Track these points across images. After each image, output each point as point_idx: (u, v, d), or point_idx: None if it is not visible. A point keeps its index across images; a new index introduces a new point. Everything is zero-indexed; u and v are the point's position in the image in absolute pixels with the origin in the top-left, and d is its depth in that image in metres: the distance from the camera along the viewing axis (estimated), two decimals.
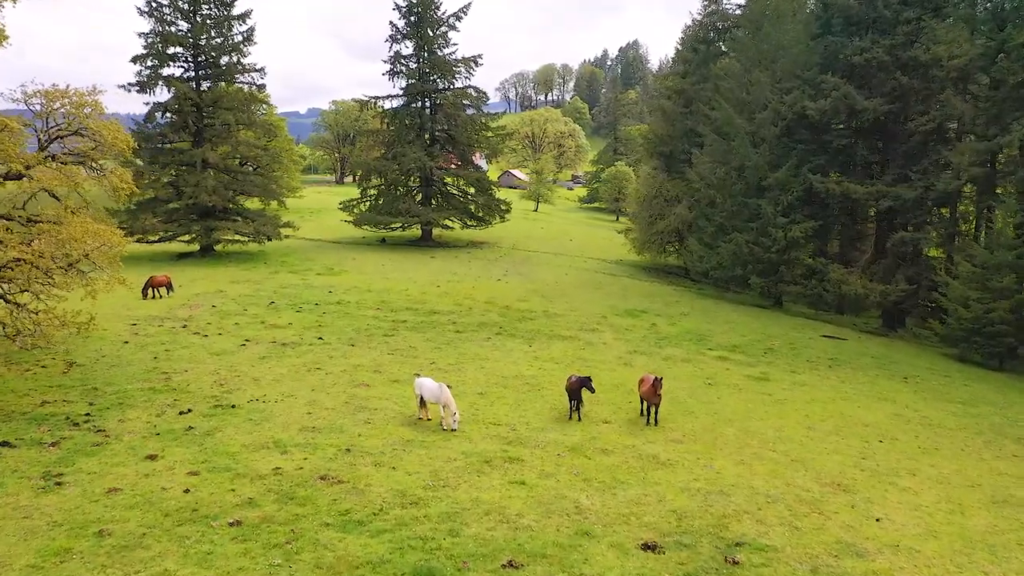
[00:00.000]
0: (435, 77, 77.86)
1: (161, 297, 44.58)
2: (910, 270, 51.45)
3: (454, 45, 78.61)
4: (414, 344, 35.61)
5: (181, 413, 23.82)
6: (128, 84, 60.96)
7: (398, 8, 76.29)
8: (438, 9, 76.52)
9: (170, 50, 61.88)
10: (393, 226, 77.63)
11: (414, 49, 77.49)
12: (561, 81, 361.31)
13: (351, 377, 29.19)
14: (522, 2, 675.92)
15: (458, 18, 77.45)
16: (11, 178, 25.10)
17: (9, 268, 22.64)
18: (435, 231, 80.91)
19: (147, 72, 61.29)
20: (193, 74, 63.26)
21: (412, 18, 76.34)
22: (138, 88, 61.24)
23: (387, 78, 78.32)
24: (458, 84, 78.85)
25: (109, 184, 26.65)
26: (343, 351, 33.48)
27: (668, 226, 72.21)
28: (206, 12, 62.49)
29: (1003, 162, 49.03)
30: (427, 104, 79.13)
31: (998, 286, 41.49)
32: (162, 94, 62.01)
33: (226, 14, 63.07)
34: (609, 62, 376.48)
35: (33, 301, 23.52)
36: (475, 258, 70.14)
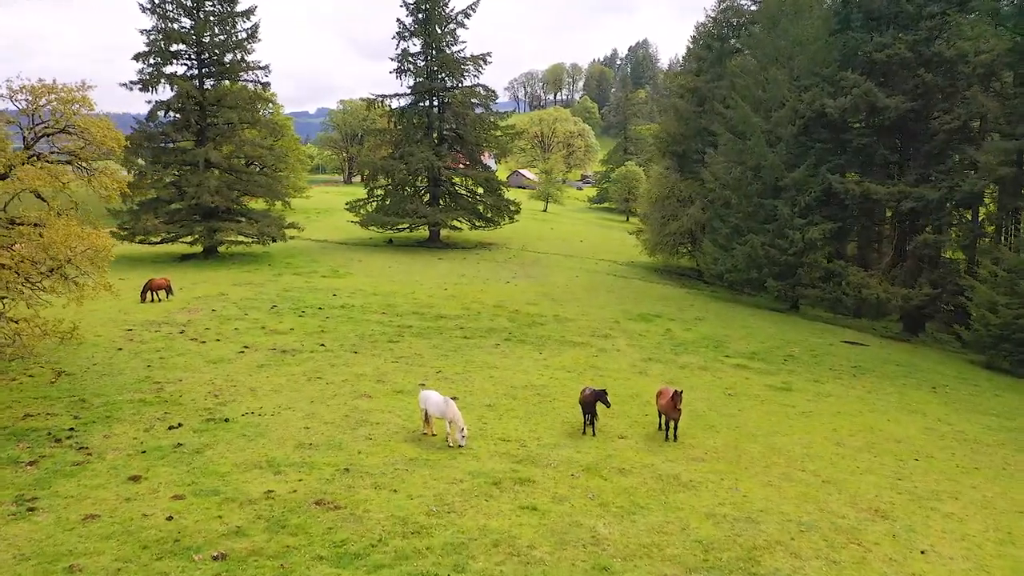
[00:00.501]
0: (443, 75, 76.40)
1: (160, 301, 43.29)
2: (933, 274, 49.74)
3: (462, 43, 77.06)
4: (420, 351, 34.16)
5: (171, 428, 22.44)
6: (130, 82, 59.78)
7: (405, 5, 74.86)
8: (446, 6, 75.04)
9: (173, 47, 60.62)
10: (400, 227, 76.23)
11: (422, 47, 76.02)
12: (570, 81, 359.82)
13: (353, 387, 27.78)
14: (531, 2, 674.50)
15: (467, 15, 75.98)
16: None
17: None
18: (443, 232, 79.44)
19: (149, 70, 60.03)
20: (196, 72, 61.97)
21: (420, 15, 74.89)
22: (140, 86, 59.95)
23: (395, 76, 76.94)
24: (466, 82, 77.32)
25: (99, 185, 25.26)
26: (345, 359, 32.07)
27: (681, 227, 70.69)
28: (209, 8, 61.17)
29: None
30: (435, 103, 77.68)
31: None
32: (165, 92, 60.75)
33: (230, 10, 61.75)
34: (619, 61, 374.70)
35: (11, 308, 22.16)
36: (483, 260, 68.69)
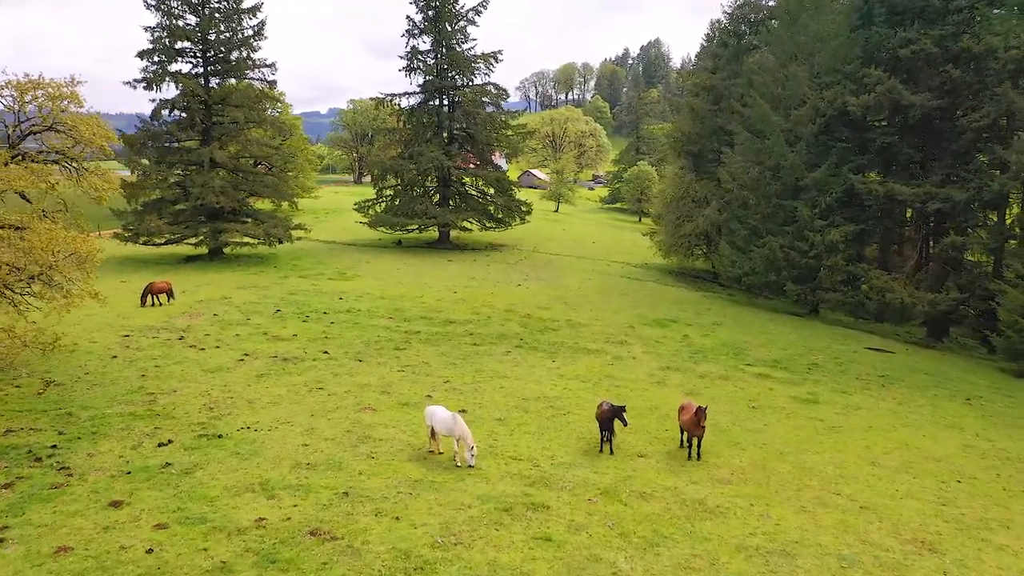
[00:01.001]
0: (453, 73, 74.93)
1: (161, 305, 41.99)
2: (961, 278, 47.91)
3: (473, 40, 75.49)
4: (427, 359, 32.70)
5: (160, 445, 21.05)
6: (134, 80, 58.56)
7: (415, 2, 73.45)
8: (456, 3, 73.57)
9: (177, 45, 59.38)
10: (409, 228, 74.81)
11: (432, 44, 74.56)
12: (582, 80, 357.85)
13: (356, 399, 26.35)
14: (542, 1, 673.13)
15: (477, 12, 74.46)
16: None
17: None
18: (453, 233, 77.97)
19: (153, 68, 58.82)
20: (201, 70, 60.73)
21: (430, 12, 73.43)
22: (144, 84, 58.77)
23: (404, 74, 75.52)
24: (477, 81, 75.80)
25: (89, 185, 23.91)
26: (349, 367, 30.65)
27: (696, 228, 68.93)
28: (215, 5, 59.88)
29: None
30: (445, 101, 76.23)
31: None
32: (169, 91, 59.52)
33: (235, 7, 60.44)
34: (630, 61, 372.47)
35: None
36: (494, 261, 67.21)
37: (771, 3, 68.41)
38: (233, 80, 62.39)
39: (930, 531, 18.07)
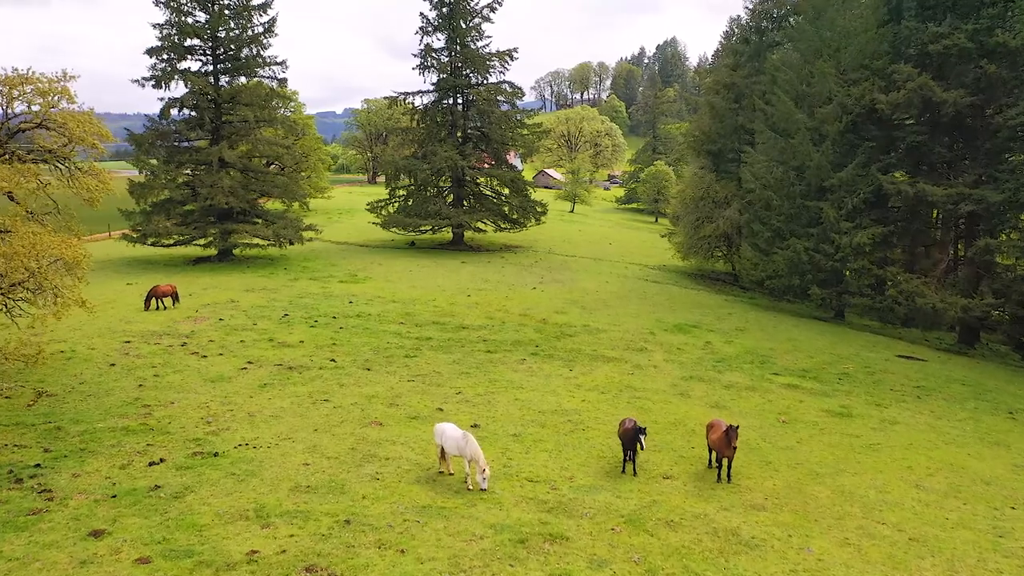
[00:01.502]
0: (468, 72, 73.49)
1: (165, 308, 40.77)
2: (995, 282, 45.92)
3: (488, 38, 74.03)
4: (439, 368, 31.23)
5: (151, 464, 19.69)
6: (142, 78, 57.56)
7: None
8: (471, 0, 72.12)
9: (187, 42, 58.24)
10: (423, 228, 73.48)
11: (446, 42, 73.17)
12: (597, 79, 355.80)
13: (362, 412, 24.91)
14: (558, 1, 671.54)
15: (492, 9, 72.95)
16: None
17: None
18: (467, 234, 76.53)
19: (162, 65, 57.74)
20: (211, 68, 59.57)
21: (444, 9, 72.03)
22: (153, 83, 57.70)
23: (418, 72, 74.19)
24: (492, 79, 74.34)
25: (81, 186, 22.60)
26: (356, 377, 29.23)
27: (716, 230, 67.16)
28: (225, 2, 58.69)
29: None
30: (459, 100, 74.81)
31: None
32: (178, 89, 58.42)
33: (245, 3, 59.22)
34: (646, 60, 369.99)
35: None
36: (509, 263, 65.71)
37: None
38: (243, 78, 61.16)
39: (989, 568, 16.41)
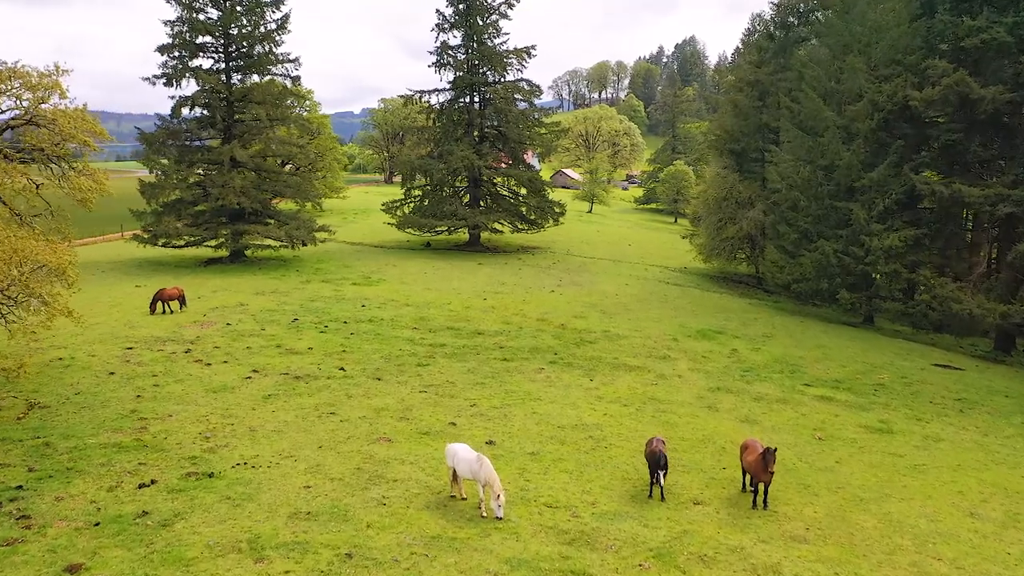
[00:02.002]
0: (485, 69, 71.98)
1: (172, 312, 39.55)
2: None
3: (505, 35, 72.52)
4: (452, 378, 29.72)
5: (141, 486, 18.30)
6: (153, 76, 56.44)
7: None
8: None
9: (199, 39, 57.09)
10: (438, 229, 72.10)
11: (462, 39, 71.68)
12: (615, 79, 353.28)
13: (370, 427, 23.45)
14: (576, 1, 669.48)
15: (509, 6, 71.38)
16: None
17: None
18: (483, 235, 74.98)
19: (173, 63, 56.64)
20: (223, 66, 58.40)
21: (460, 6, 70.56)
22: (164, 81, 56.61)
23: (434, 70, 72.76)
24: (509, 77, 72.78)
25: (74, 186, 21.28)
26: (366, 387, 27.78)
27: (739, 231, 65.27)
28: None
29: None
30: (476, 98, 73.29)
31: None
32: (189, 87, 57.32)
33: (258, 0, 58.00)
34: (665, 59, 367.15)
35: None
36: (526, 265, 64.15)
37: None
38: (256, 76, 59.91)
39: None
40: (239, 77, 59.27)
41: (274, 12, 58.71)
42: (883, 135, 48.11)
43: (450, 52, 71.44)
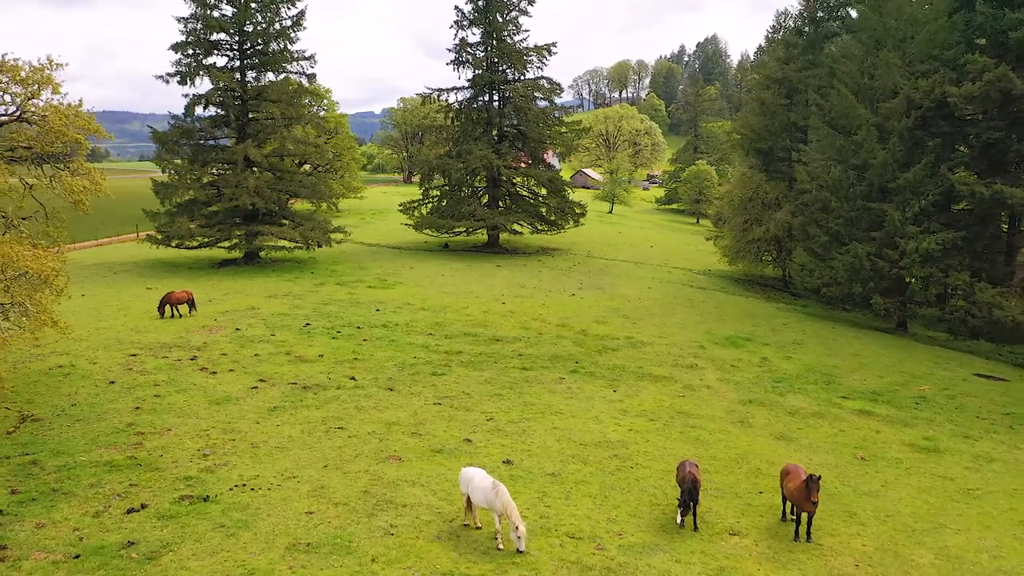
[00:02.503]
0: (504, 67, 70.47)
1: (181, 316, 38.37)
2: None
3: (525, 32, 71.01)
4: (469, 388, 28.22)
5: (130, 511, 16.93)
6: (167, 74, 55.44)
7: None
8: None
9: (213, 37, 56.00)
10: (456, 230, 70.68)
11: (481, 36, 70.21)
12: (636, 78, 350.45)
13: (380, 443, 21.99)
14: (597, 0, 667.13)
15: (530, 2, 69.95)
16: None
17: None
18: (502, 236, 73.51)
19: (187, 61, 55.58)
20: (237, 63, 57.28)
21: (479, 2, 69.14)
22: (178, 79, 55.59)
23: (452, 68, 71.25)
24: (529, 75, 71.27)
25: (65, 187, 19.98)
26: (377, 399, 26.34)
27: (766, 233, 63.23)
28: None
29: None
30: (495, 97, 71.77)
31: None
32: (203, 85, 56.29)
33: None
34: (686, 58, 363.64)
35: None
36: (546, 267, 62.56)
37: None
38: (271, 74, 58.76)
39: None
40: (254, 75, 58.18)
41: (289, 8, 57.65)
42: (919, 133, 46.12)
43: (469, 49, 69.99)
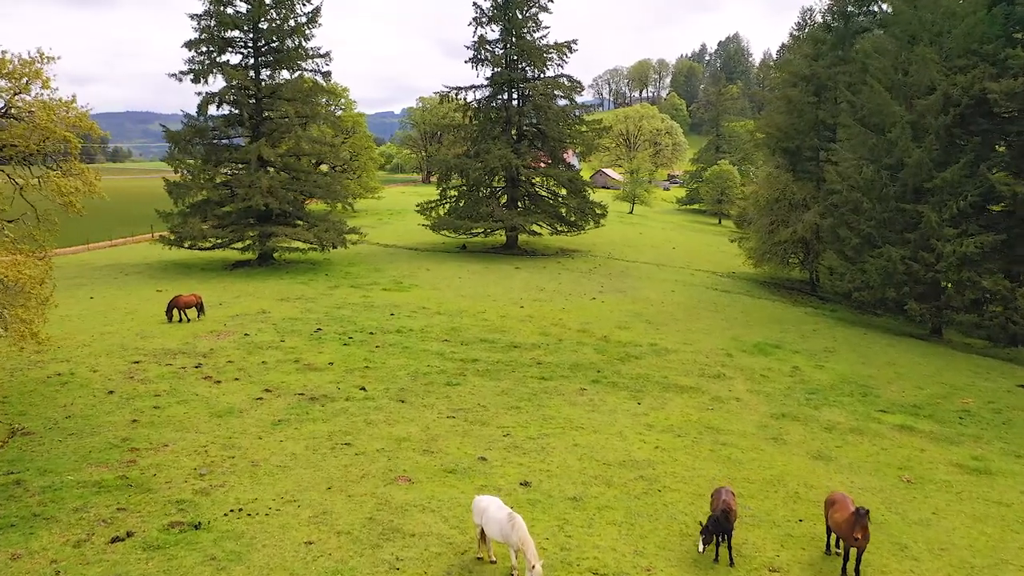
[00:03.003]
0: (524, 65, 68.95)
1: (189, 320, 37.20)
2: None
3: (545, 28, 69.37)
4: (484, 400, 26.75)
5: (114, 540, 15.60)
6: (180, 72, 54.43)
7: None
8: None
9: (226, 34, 54.92)
10: (474, 231, 69.21)
11: (500, 34, 68.69)
12: (657, 77, 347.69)
13: (388, 462, 20.56)
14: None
15: None
16: None
17: None
18: (521, 237, 71.96)
19: (201, 58, 54.54)
20: (251, 61, 56.18)
21: None
22: (192, 77, 54.57)
23: (471, 66, 69.85)
24: (549, 73, 69.71)
25: (53, 188, 18.72)
26: (388, 411, 24.92)
27: (793, 235, 61.23)
28: None
29: None
30: (514, 95, 70.24)
31: None
32: (216, 83, 55.25)
33: None
34: (708, 56, 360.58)
35: None
36: (565, 269, 60.98)
37: None
38: (285, 72, 57.62)
39: None
40: (268, 73, 57.13)
41: (304, 4, 56.44)
42: (958, 131, 44.12)
43: (488, 47, 68.55)
